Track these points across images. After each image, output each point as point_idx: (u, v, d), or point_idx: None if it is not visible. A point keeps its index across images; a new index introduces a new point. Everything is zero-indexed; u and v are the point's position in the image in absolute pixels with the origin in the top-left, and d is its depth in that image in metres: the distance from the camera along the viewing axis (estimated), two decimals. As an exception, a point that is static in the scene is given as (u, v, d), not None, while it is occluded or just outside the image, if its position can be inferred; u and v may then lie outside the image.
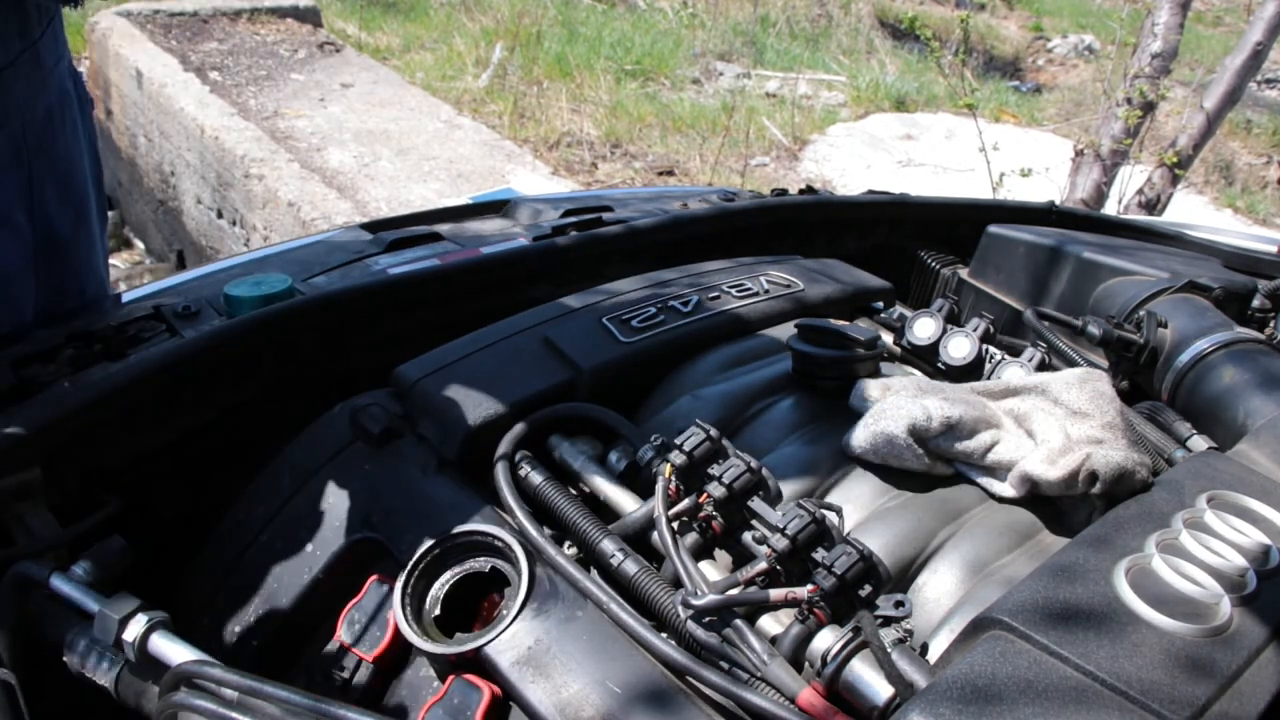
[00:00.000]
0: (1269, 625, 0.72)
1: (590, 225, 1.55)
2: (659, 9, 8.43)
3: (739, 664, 0.78)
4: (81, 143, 1.34)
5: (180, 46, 6.13)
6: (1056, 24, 9.87)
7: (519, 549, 0.88)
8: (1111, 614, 0.71)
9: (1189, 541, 0.78)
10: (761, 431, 1.07)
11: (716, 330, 1.20)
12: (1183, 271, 1.42)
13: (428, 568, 0.90)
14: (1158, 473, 1.07)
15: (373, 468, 1.02)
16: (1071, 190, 4.49)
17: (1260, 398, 1.17)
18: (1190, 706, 0.64)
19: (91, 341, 1.15)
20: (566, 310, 1.19)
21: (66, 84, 1.28)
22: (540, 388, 1.06)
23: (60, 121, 1.27)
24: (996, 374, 1.16)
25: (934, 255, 1.81)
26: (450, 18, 7.50)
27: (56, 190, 1.27)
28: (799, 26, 8.64)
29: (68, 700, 0.85)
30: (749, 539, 0.88)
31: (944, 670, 0.69)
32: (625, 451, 0.99)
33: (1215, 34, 9.63)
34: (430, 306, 1.36)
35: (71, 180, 1.31)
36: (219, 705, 0.70)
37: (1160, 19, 4.22)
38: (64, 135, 1.28)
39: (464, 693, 0.80)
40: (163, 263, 5.25)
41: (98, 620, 0.76)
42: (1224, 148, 6.90)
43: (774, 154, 6.28)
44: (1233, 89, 4.18)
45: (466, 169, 5.08)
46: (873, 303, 1.38)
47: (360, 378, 1.14)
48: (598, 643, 0.81)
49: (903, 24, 7.57)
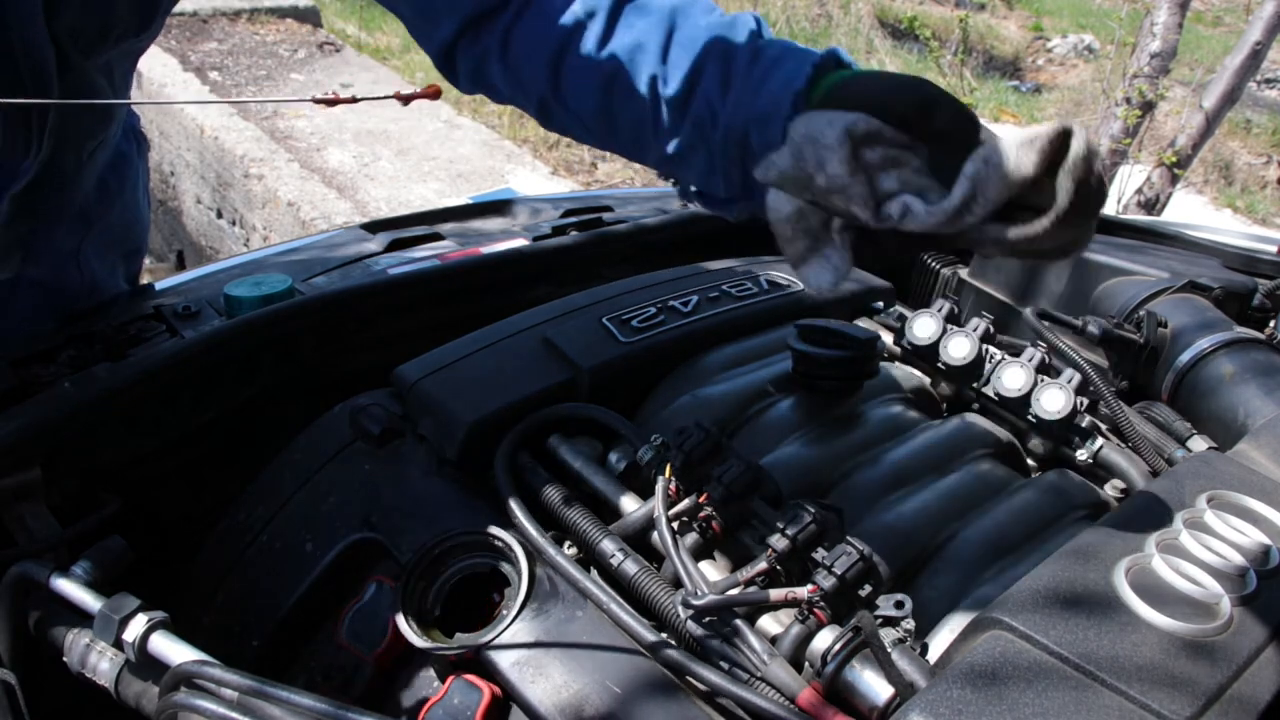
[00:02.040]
0: (1269, 625, 0.72)
1: (590, 225, 1.55)
2: (659, 9, 8.42)
3: (739, 664, 0.78)
4: (140, 197, 1.30)
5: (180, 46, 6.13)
6: (1056, 24, 9.87)
7: (519, 549, 0.88)
8: (1112, 613, 0.71)
9: (1189, 541, 0.78)
10: (761, 431, 1.07)
11: (716, 330, 1.20)
12: (1183, 271, 1.42)
13: (428, 568, 0.90)
14: (1158, 473, 1.08)
15: (373, 468, 1.02)
16: (1071, 190, 4.48)
17: (1260, 397, 1.17)
18: (1191, 706, 0.64)
19: (91, 341, 1.15)
20: (566, 310, 1.20)
21: (123, 146, 1.24)
22: (540, 388, 1.06)
23: (118, 188, 1.23)
24: (997, 374, 1.16)
25: (934, 255, 1.81)
26: (450, 18, 7.49)
27: (105, 251, 1.24)
28: (799, 26, 8.64)
29: (68, 700, 0.85)
30: (749, 539, 0.88)
31: (944, 670, 0.69)
32: (625, 451, 0.99)
33: (1215, 34, 9.63)
34: (430, 306, 1.36)
35: (129, 234, 1.28)
36: (219, 705, 0.70)
37: (1159, 19, 4.22)
38: (120, 200, 1.24)
39: (464, 693, 0.80)
40: (163, 263, 5.25)
41: (98, 620, 0.76)
42: (1223, 148, 6.90)
43: (774, 154, 6.28)
44: (1232, 89, 4.19)
45: (466, 169, 5.09)
46: (873, 302, 1.38)
47: (360, 378, 1.14)
48: (598, 643, 0.81)
49: (902, 24, 7.57)
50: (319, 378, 1.28)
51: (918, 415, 1.15)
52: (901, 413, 1.14)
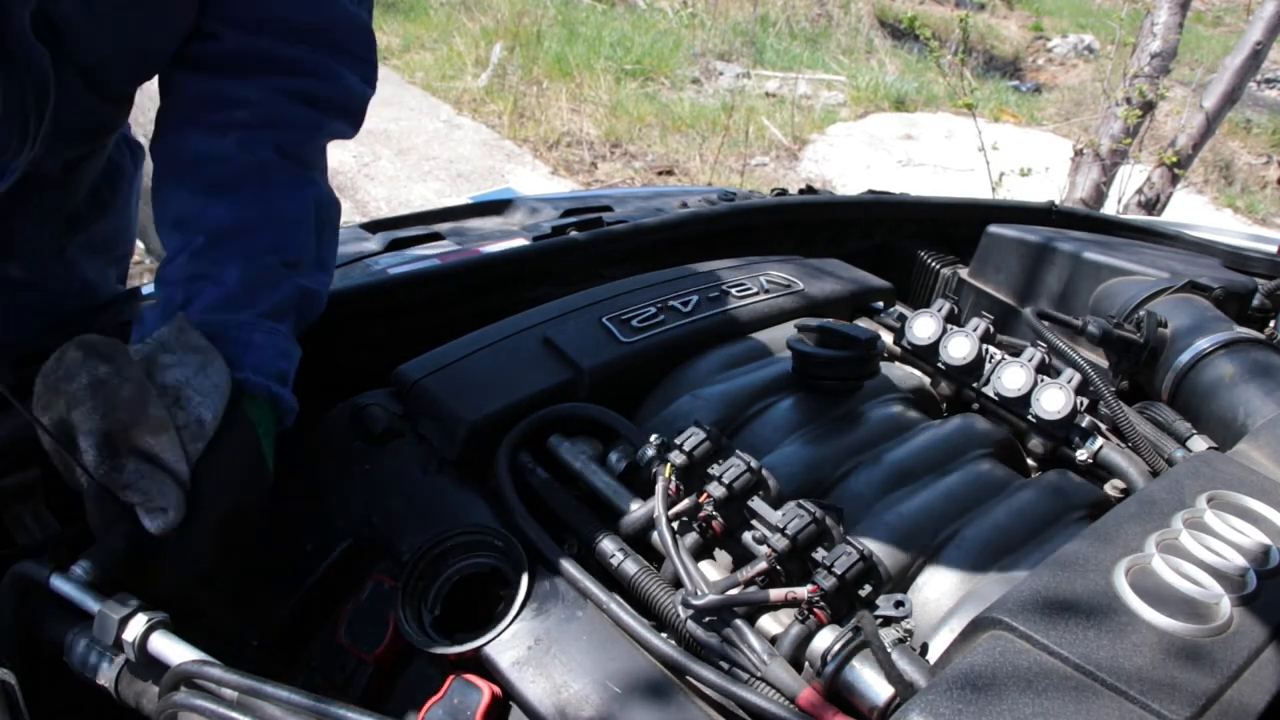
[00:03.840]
0: (1269, 625, 0.72)
1: (590, 225, 1.55)
2: (659, 9, 8.43)
3: (739, 664, 0.78)
4: (132, 206, 1.31)
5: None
6: (1056, 24, 9.87)
7: (519, 549, 0.88)
8: (1111, 613, 0.71)
9: (1189, 541, 0.78)
10: (761, 431, 1.07)
11: (716, 330, 1.20)
12: (1183, 271, 1.42)
13: (428, 568, 0.90)
14: (1158, 473, 1.08)
15: (373, 467, 1.02)
16: (1071, 190, 4.49)
17: (1260, 397, 1.17)
18: (1190, 706, 0.64)
19: (91, 341, 1.15)
20: (566, 310, 1.20)
21: (116, 157, 1.24)
22: (540, 388, 1.06)
23: (110, 197, 1.23)
24: (997, 374, 1.16)
25: (934, 255, 1.81)
26: (450, 17, 7.50)
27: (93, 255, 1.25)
28: (799, 26, 8.64)
29: (68, 700, 0.85)
30: (749, 539, 0.88)
31: (944, 670, 0.69)
32: (625, 451, 0.99)
33: (1215, 34, 9.64)
34: (430, 306, 1.36)
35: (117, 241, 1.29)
36: (219, 705, 0.70)
37: (1159, 19, 4.22)
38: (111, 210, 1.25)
39: (464, 693, 0.80)
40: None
41: (97, 620, 0.76)
42: (1224, 147, 6.90)
43: (773, 154, 6.29)
44: (1232, 89, 4.19)
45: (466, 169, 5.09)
46: (873, 302, 1.38)
47: (360, 378, 1.14)
48: (598, 643, 0.81)
49: (902, 24, 7.57)
50: (319, 377, 1.28)
51: (918, 415, 1.15)
52: (901, 413, 1.14)
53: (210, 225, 0.99)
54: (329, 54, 1.05)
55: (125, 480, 0.80)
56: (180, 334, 0.89)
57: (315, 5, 1.02)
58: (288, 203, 1.03)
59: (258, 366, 0.95)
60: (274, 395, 0.96)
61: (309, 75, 1.04)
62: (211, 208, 0.99)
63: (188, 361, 0.88)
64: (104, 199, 1.22)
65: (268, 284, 0.99)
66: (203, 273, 0.97)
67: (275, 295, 1.00)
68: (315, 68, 1.04)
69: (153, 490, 0.81)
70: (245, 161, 1.00)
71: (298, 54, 1.03)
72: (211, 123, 1.01)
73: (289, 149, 1.04)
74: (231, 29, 1.00)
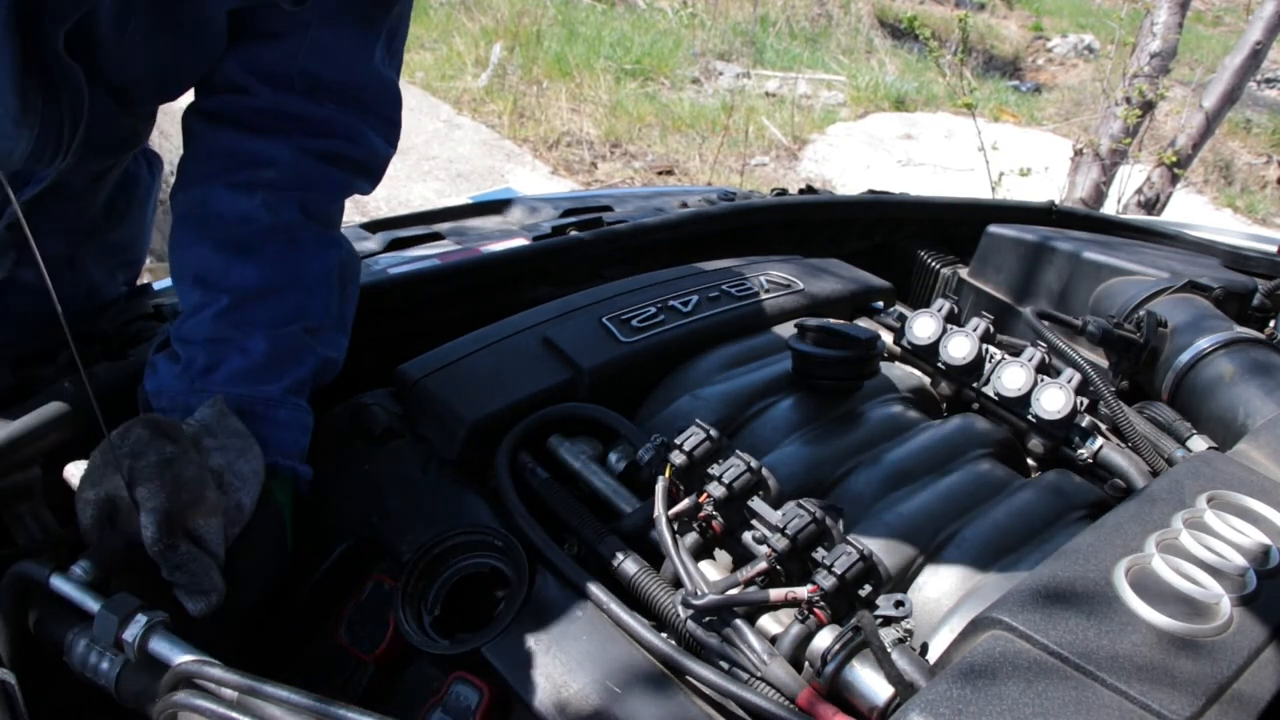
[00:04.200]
0: (1269, 625, 0.72)
1: (590, 225, 1.55)
2: (659, 9, 8.43)
3: (739, 664, 0.78)
4: (147, 215, 1.30)
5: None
6: (1056, 24, 9.87)
7: (519, 549, 0.88)
8: (1112, 613, 0.71)
9: (1189, 541, 0.78)
10: (761, 431, 1.07)
11: (716, 330, 1.20)
12: (1183, 271, 1.42)
13: (428, 568, 0.90)
14: (1158, 473, 1.08)
15: (373, 468, 1.02)
16: (1071, 190, 4.49)
17: (1260, 397, 1.17)
18: (1190, 706, 0.64)
19: (91, 341, 1.15)
20: (566, 310, 1.20)
21: (133, 169, 1.23)
22: (540, 387, 1.06)
23: (125, 208, 1.23)
24: (997, 374, 1.16)
25: (934, 255, 1.81)
26: (450, 17, 7.49)
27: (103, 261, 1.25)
28: (799, 26, 8.64)
29: (68, 700, 0.85)
30: (749, 539, 0.88)
31: (944, 670, 0.69)
32: (625, 451, 0.99)
33: (1215, 34, 9.63)
34: (430, 306, 1.36)
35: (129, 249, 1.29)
36: (219, 705, 0.70)
37: (1159, 18, 4.22)
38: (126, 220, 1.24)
39: (464, 693, 0.80)
40: (163, 262, 5.24)
41: (97, 620, 0.76)
42: (1223, 147, 6.90)
43: (773, 154, 6.29)
44: (1232, 88, 4.19)
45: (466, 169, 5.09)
46: (873, 302, 1.38)
47: (360, 378, 1.14)
48: (597, 643, 0.81)
49: (902, 24, 7.58)
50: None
51: (918, 415, 1.15)
52: (901, 412, 1.14)
53: (235, 286, 0.99)
54: (357, 115, 1.05)
55: (178, 560, 0.82)
56: (221, 418, 0.91)
57: (348, 65, 1.02)
58: (313, 264, 1.04)
59: (284, 448, 0.97)
60: (298, 475, 0.99)
61: (337, 136, 1.04)
62: (236, 268, 0.99)
63: (229, 446, 0.90)
64: (119, 209, 1.22)
65: (292, 357, 1.00)
66: (227, 337, 0.98)
67: (299, 370, 1.01)
68: (343, 129, 1.04)
69: (199, 573, 0.83)
70: (272, 222, 1.00)
71: (327, 114, 1.03)
72: (238, 180, 1.01)
73: (314, 210, 1.04)
74: (264, 84, 1.00)
